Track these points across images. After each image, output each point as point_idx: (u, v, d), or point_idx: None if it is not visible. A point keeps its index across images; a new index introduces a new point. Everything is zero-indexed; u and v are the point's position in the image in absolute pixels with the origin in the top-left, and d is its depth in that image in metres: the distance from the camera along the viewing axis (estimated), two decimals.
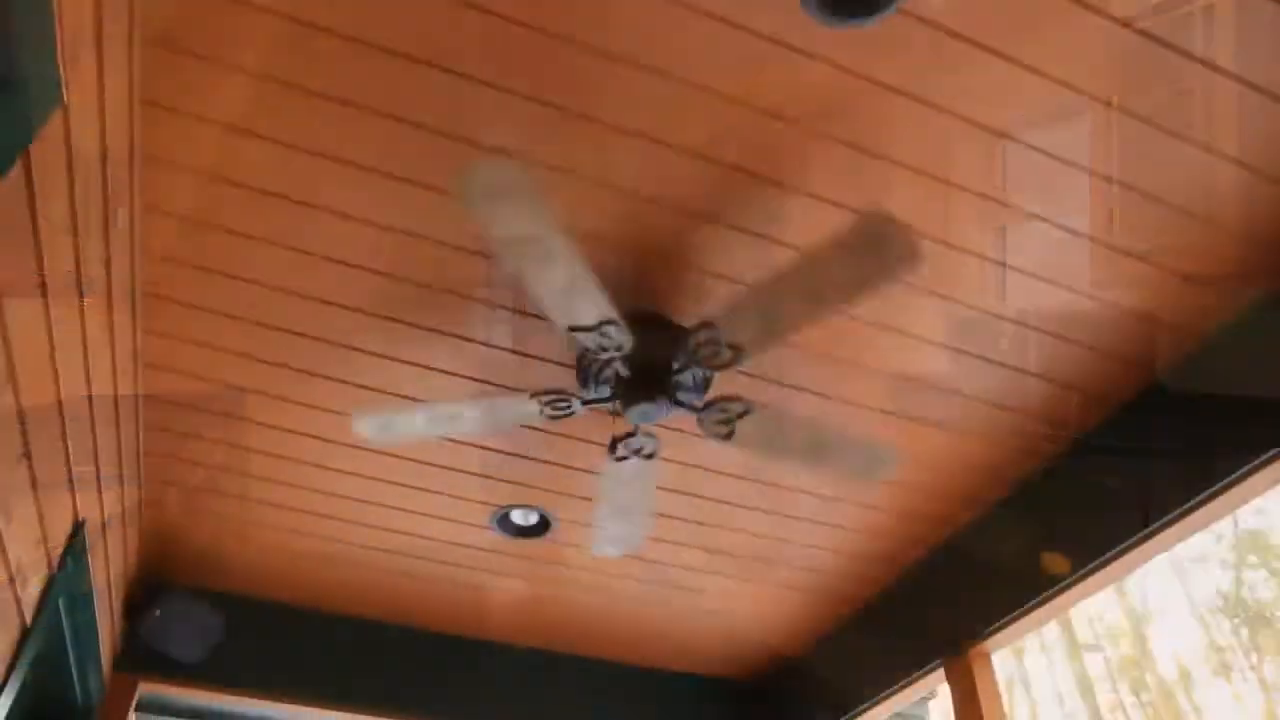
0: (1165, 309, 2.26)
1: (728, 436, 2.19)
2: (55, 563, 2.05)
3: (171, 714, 3.59)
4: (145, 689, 3.17)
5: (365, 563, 3.25)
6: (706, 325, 1.98)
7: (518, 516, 3.00)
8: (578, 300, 1.90)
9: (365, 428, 2.26)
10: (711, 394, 2.19)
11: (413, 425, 2.27)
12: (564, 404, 2.18)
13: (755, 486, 2.86)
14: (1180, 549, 23.72)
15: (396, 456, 2.71)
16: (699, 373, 2.15)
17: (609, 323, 1.95)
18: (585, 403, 2.19)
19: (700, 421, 2.18)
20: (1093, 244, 2.08)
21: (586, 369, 2.20)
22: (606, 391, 2.16)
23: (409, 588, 3.41)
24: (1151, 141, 1.85)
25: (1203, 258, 2.13)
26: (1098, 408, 2.55)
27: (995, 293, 2.21)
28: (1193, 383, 2.38)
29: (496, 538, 3.09)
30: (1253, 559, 21.85)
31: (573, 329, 1.98)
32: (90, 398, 1.99)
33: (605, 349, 2.04)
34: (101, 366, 2.03)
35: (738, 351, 2.01)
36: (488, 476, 2.80)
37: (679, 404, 2.14)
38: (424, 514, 2.98)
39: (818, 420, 2.38)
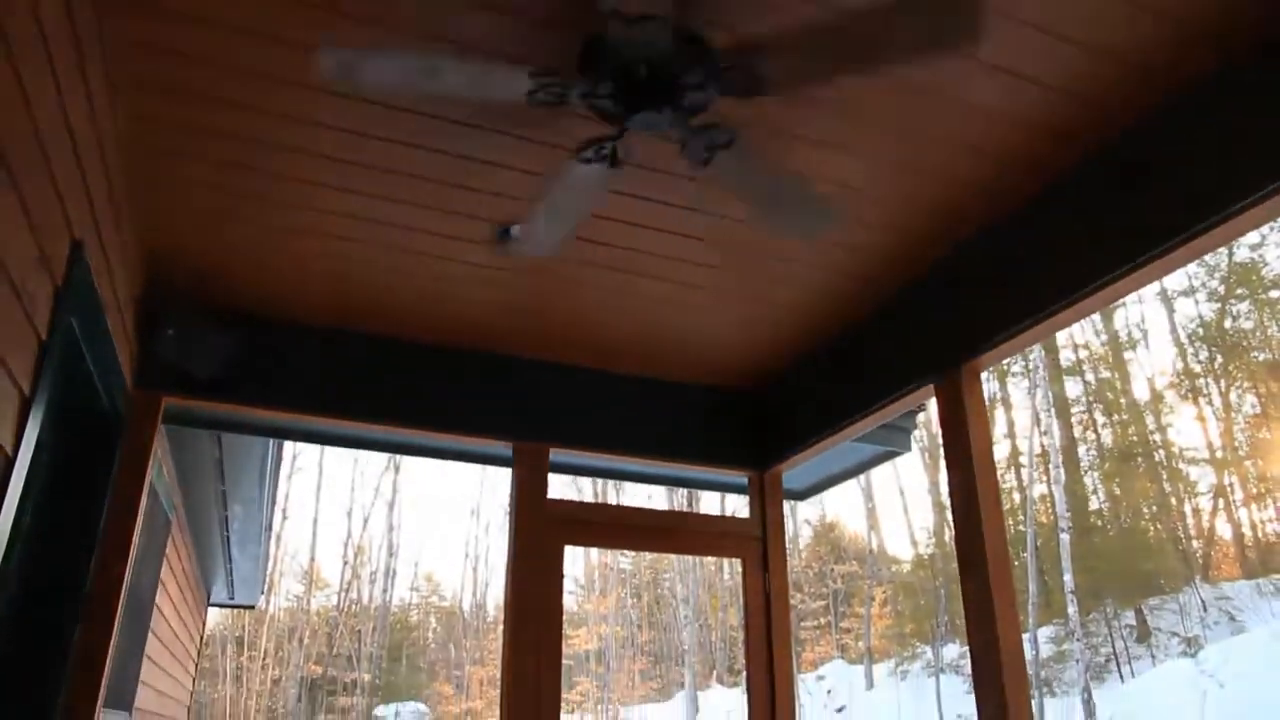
0: (1198, 15, 2.09)
1: (705, 164, 2.16)
2: (60, 282, 2.06)
3: (199, 425, 3.80)
4: (169, 403, 3.32)
5: (367, 280, 3.28)
6: (750, 50, 1.87)
7: (519, 232, 2.97)
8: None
9: (327, 64, 1.94)
10: (700, 120, 2.10)
11: (381, 73, 2.00)
12: (558, 89, 2.01)
13: None
14: (1170, 280, 24.11)
15: (397, 173, 2.65)
16: (706, 95, 2.04)
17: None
18: (583, 96, 2.05)
19: (684, 143, 2.12)
20: None
21: (589, 62, 2.05)
22: (609, 88, 2.03)
23: (413, 304, 3.46)
24: None
25: None
26: (1108, 122, 2.44)
27: None
28: (1213, 102, 2.26)
29: (501, 256, 3.09)
30: (1241, 291, 22.34)
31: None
32: (65, 114, 1.91)
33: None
34: (71, 84, 1.92)
35: (773, 85, 1.93)
36: (489, 192, 2.74)
37: (679, 118, 2.05)
38: (425, 230, 2.96)
39: (781, 168, 2.31)
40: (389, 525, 40.14)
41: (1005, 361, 23.77)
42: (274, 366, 3.50)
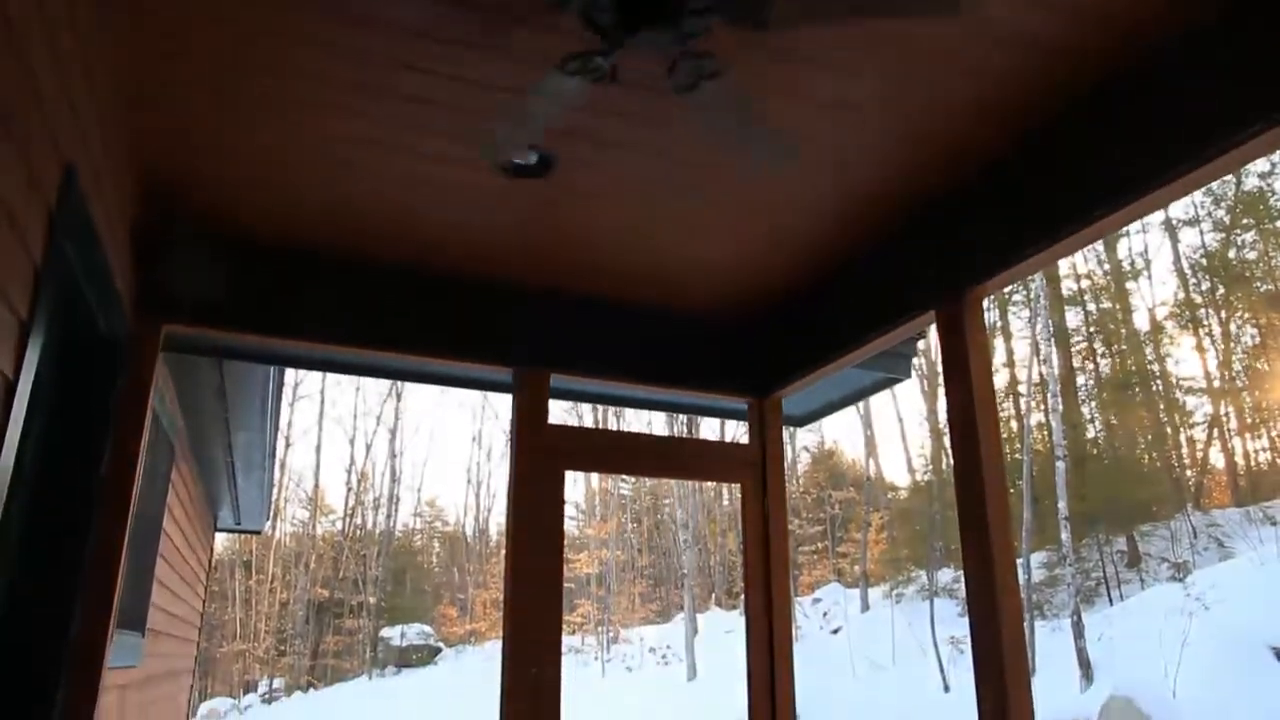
0: None
1: (690, 89, 2.13)
2: (53, 206, 2.03)
3: (199, 352, 3.80)
4: (170, 330, 3.31)
5: (367, 206, 3.24)
6: None
7: (518, 156, 2.92)
8: None
9: None
10: (694, 45, 2.05)
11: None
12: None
13: None
14: (1175, 209, 23.86)
15: (392, 94, 2.59)
16: (707, 21, 1.99)
17: None
18: (583, 7, 2.01)
19: (673, 65, 2.07)
20: None
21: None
22: (611, 1, 1.99)
23: (413, 229, 3.42)
24: None
25: None
26: (1121, 46, 2.37)
27: None
28: (1223, 31, 2.19)
29: (497, 178, 3.04)
30: (1247, 220, 22.11)
31: None
32: (50, 32, 1.86)
33: (566, 3, 1.95)
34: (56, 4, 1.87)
35: (775, 23, 1.89)
36: (482, 113, 2.68)
37: (677, 40, 2.00)
38: (424, 154, 2.91)
39: (752, 104, 2.27)
40: (391, 452, 40.57)
41: (1006, 290, 23.68)
42: (273, 293, 3.49)
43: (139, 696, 5.78)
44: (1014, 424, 21.80)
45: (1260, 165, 21.07)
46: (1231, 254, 22.85)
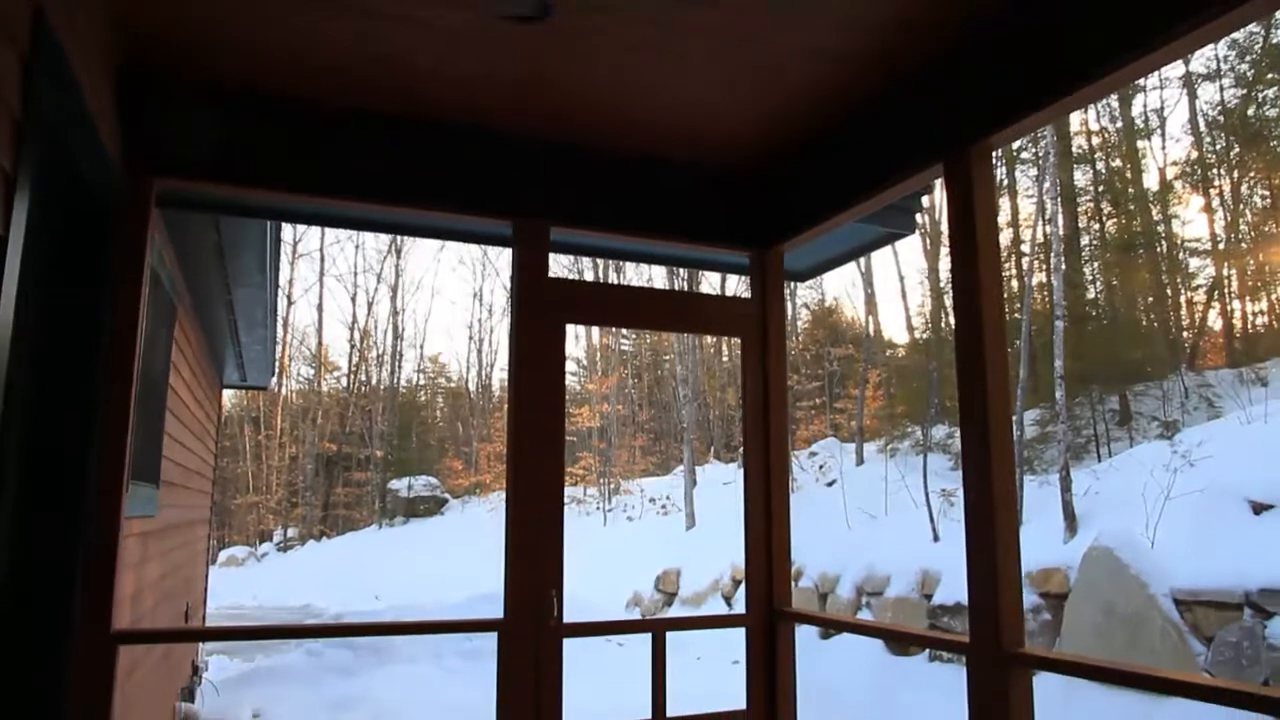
0: None
1: None
2: (25, 52, 1.94)
3: (194, 208, 3.73)
4: (162, 186, 3.23)
5: (359, 54, 3.10)
6: None
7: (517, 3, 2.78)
8: None
9: None
10: None
11: None
12: None
13: None
14: (1196, 63, 22.94)
15: None
16: None
17: None
18: None
19: None
20: None
21: None
22: None
23: (411, 78, 3.28)
24: None
25: None
26: None
27: None
28: None
29: (495, 24, 2.90)
30: (1272, 75, 21.27)
31: None
32: None
33: None
34: None
35: None
36: None
37: None
38: None
39: None
40: (393, 309, 40.79)
41: (1015, 147, 23.10)
42: (267, 146, 3.39)
43: (159, 544, 6.04)
44: (1015, 283, 21.75)
45: None
46: (1251, 111, 22.13)
